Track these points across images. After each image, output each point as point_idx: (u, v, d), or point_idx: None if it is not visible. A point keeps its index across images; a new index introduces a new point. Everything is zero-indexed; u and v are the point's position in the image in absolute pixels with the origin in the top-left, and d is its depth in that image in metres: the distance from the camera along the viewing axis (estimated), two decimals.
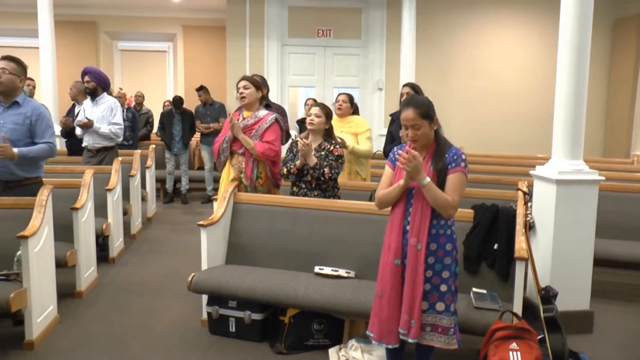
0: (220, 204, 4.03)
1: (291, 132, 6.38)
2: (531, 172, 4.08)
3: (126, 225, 6.11)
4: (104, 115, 5.64)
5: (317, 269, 3.66)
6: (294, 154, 4.08)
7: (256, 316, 3.63)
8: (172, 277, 4.93)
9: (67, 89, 6.61)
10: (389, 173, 2.81)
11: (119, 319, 4.04)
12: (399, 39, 9.02)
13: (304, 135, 4.06)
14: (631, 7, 9.37)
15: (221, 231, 3.98)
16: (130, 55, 12.88)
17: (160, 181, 8.71)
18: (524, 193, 3.67)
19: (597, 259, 4.01)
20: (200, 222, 3.82)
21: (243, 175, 4.18)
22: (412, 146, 2.70)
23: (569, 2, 3.72)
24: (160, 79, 12.90)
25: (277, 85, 9.63)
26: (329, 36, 9.83)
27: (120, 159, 5.79)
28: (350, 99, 5.15)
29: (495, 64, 9.98)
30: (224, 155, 4.24)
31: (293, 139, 4.12)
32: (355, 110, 5.29)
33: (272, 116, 4.21)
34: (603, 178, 3.87)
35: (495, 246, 3.44)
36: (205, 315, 3.84)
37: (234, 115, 4.23)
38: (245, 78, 4.27)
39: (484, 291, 3.28)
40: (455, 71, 9.93)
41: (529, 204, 3.83)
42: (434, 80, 9.38)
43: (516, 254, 3.18)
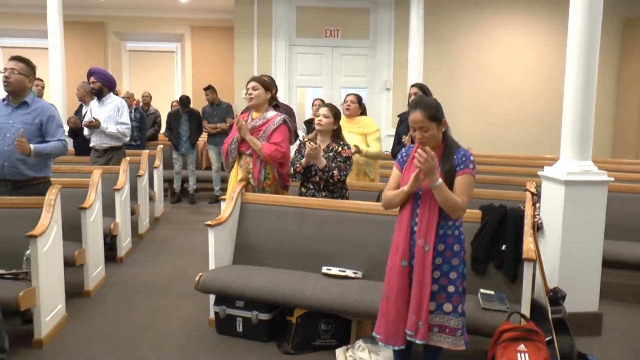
0: (227, 204, 4.04)
1: (299, 133, 6.38)
2: (539, 173, 4.07)
3: (134, 225, 6.13)
4: (110, 115, 5.66)
5: (325, 270, 3.66)
6: (303, 155, 4.07)
7: (263, 316, 3.63)
8: (180, 277, 4.95)
9: (76, 89, 6.65)
10: (397, 174, 2.80)
11: (126, 318, 4.05)
12: (406, 39, 9.01)
13: (311, 136, 4.05)
14: None
15: (229, 231, 3.99)
16: (139, 55, 12.92)
17: (168, 181, 8.74)
18: (532, 194, 3.66)
19: (606, 260, 3.98)
20: (208, 222, 3.83)
21: (251, 176, 4.18)
22: (421, 148, 2.69)
23: (578, 2, 3.70)
24: (168, 80, 12.94)
25: (285, 85, 9.63)
26: (337, 36, 9.83)
27: (128, 159, 5.81)
28: (359, 100, 5.15)
29: (504, 64, 9.95)
30: (231, 156, 4.25)
31: (301, 139, 4.11)
32: (363, 110, 5.28)
33: (280, 117, 4.21)
34: (612, 179, 3.85)
35: (503, 247, 3.42)
36: (212, 315, 3.85)
37: (242, 117, 4.23)
38: (255, 79, 4.26)
39: (492, 292, 3.27)
40: (463, 71, 9.90)
41: (537, 204, 3.81)
42: (441, 80, 9.36)
43: (524, 255, 3.16)
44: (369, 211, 3.82)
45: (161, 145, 7.98)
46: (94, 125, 5.56)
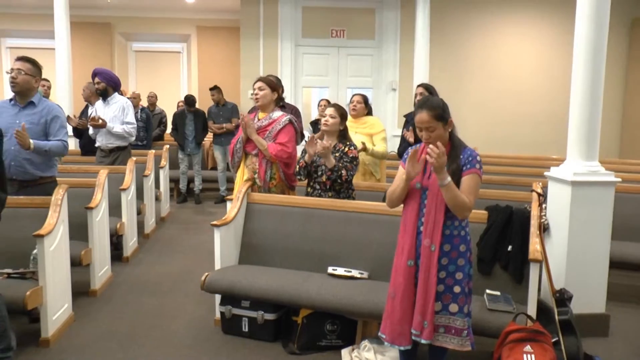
0: (233, 204, 4.04)
1: (305, 133, 6.39)
2: (546, 174, 4.05)
3: (140, 225, 6.15)
4: (115, 115, 5.67)
5: (330, 270, 3.66)
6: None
7: (269, 316, 3.63)
8: (186, 277, 4.96)
9: (82, 90, 6.69)
10: (402, 173, 2.80)
11: (132, 317, 4.07)
12: (412, 39, 9.01)
13: (317, 136, 4.04)
14: None
15: (234, 231, 3.99)
16: (145, 56, 12.96)
17: (174, 181, 8.76)
18: (539, 194, 3.64)
19: (613, 261, 3.97)
20: (214, 222, 3.83)
21: (256, 176, 4.18)
22: (433, 144, 2.68)
23: (585, 2, 3.68)
24: (175, 80, 12.97)
25: (291, 85, 9.64)
26: (343, 36, 9.84)
27: (134, 159, 5.83)
28: (365, 100, 5.14)
29: (510, 64, 9.93)
30: (237, 155, 4.25)
31: (307, 140, 4.11)
32: (370, 110, 5.28)
33: (286, 117, 4.20)
34: (619, 180, 3.83)
35: (509, 248, 3.42)
36: (218, 315, 3.86)
37: (250, 117, 4.22)
38: (261, 79, 4.26)
39: (498, 293, 3.26)
40: (469, 71, 9.89)
41: (544, 205, 3.80)
42: (447, 80, 9.34)
43: (530, 256, 3.15)
44: (374, 211, 3.82)
45: (167, 146, 8.00)
46: (100, 125, 5.58)
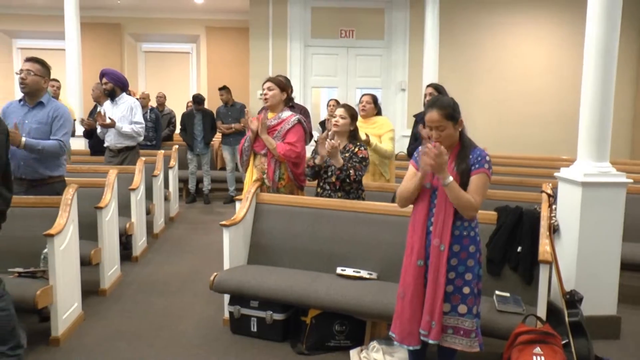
0: (242, 204, 4.05)
1: (314, 134, 6.38)
2: (556, 174, 4.02)
3: (149, 225, 6.18)
4: (124, 115, 5.69)
5: (339, 270, 3.65)
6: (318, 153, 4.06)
7: (278, 316, 3.64)
8: (194, 276, 4.97)
9: (91, 90, 6.73)
10: (412, 172, 2.79)
11: (141, 316, 4.08)
12: (422, 39, 8.99)
13: (324, 135, 4.03)
14: None
15: (243, 231, 4.00)
16: (154, 56, 13.02)
17: (183, 181, 8.79)
18: (549, 195, 3.62)
19: (625, 263, 3.93)
20: (223, 222, 3.84)
21: (265, 176, 4.19)
22: (433, 144, 2.68)
23: (596, 1, 3.64)
24: (184, 80, 13.02)
25: (300, 86, 9.64)
26: (352, 37, 9.83)
27: (143, 159, 5.85)
28: (374, 100, 5.12)
29: (520, 64, 9.88)
30: (245, 154, 4.26)
31: (315, 140, 4.10)
32: (379, 111, 5.26)
33: (295, 117, 4.20)
34: (631, 181, 3.80)
35: (519, 249, 3.40)
36: (227, 315, 3.86)
37: (259, 117, 4.23)
38: (270, 79, 4.26)
39: (507, 294, 3.24)
40: (479, 72, 9.85)
41: (554, 206, 3.78)
42: (457, 80, 9.30)
43: (540, 257, 3.13)
44: (383, 212, 3.81)
45: (176, 146, 8.03)
46: (109, 125, 5.61)
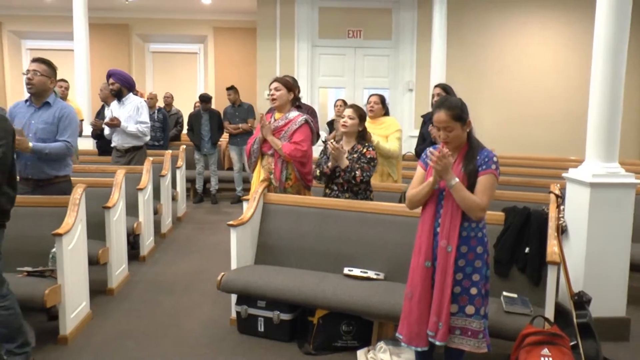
0: (250, 204, 4.05)
1: (321, 134, 6.38)
2: (564, 175, 4.01)
3: (157, 224, 6.19)
4: (130, 115, 5.72)
5: (346, 270, 3.65)
6: (328, 155, 4.05)
7: (285, 316, 3.64)
8: (202, 276, 4.98)
9: (99, 90, 6.77)
10: (421, 173, 2.79)
11: (149, 316, 4.09)
12: (429, 39, 8.98)
13: (331, 136, 4.03)
14: None
15: (250, 231, 4.00)
16: (162, 57, 13.05)
17: (191, 181, 8.80)
18: (557, 196, 3.61)
19: (634, 264, 3.90)
20: (230, 222, 3.84)
21: (272, 176, 4.19)
22: (440, 147, 2.67)
23: (605, 1, 3.62)
24: (191, 81, 13.05)
25: (307, 86, 9.65)
26: (359, 37, 9.82)
27: (151, 159, 5.87)
28: (382, 100, 5.11)
29: (527, 64, 9.84)
30: (254, 155, 4.27)
31: (322, 140, 4.10)
32: (387, 111, 5.25)
33: (302, 117, 4.21)
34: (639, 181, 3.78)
35: (527, 250, 3.38)
36: (234, 315, 3.87)
37: (267, 117, 4.24)
38: (277, 79, 4.27)
39: (515, 295, 3.23)
40: (486, 72, 9.82)
41: (562, 207, 3.76)
42: (464, 81, 9.28)
43: (548, 258, 3.12)
44: (390, 212, 3.80)
45: (184, 146, 8.05)
46: (115, 124, 5.63)
